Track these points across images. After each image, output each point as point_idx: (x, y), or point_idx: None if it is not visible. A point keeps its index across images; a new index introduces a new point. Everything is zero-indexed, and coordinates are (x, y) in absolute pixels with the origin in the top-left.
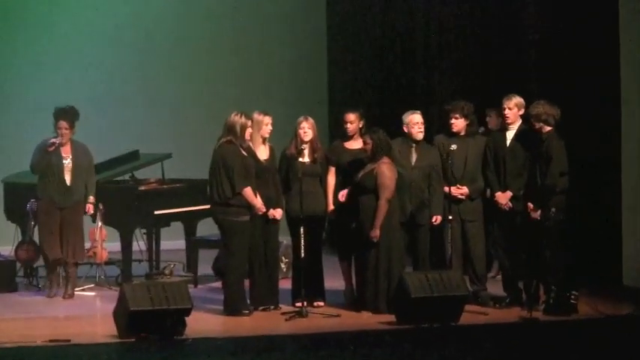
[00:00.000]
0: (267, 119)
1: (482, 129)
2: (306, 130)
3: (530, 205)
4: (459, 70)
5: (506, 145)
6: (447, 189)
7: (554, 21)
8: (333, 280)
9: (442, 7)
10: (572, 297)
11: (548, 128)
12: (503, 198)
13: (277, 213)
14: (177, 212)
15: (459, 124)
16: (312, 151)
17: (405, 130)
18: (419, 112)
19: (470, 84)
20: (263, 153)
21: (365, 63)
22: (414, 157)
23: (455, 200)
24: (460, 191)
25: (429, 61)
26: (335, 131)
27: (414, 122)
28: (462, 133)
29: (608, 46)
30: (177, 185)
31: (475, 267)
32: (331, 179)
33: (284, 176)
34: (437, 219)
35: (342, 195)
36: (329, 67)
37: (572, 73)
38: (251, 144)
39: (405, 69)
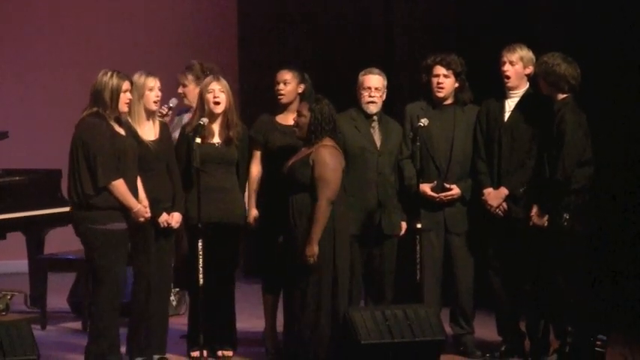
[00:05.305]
0: (151, 82)
1: None
2: (217, 94)
3: (535, 208)
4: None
5: (504, 119)
6: (427, 189)
7: None
8: (249, 320)
9: None
10: (598, 344)
11: (563, 95)
12: (495, 197)
13: (173, 219)
14: (14, 218)
15: (447, 84)
16: (226, 128)
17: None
18: (378, 70)
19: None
20: (149, 132)
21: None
22: (377, 138)
23: (436, 202)
24: (451, 194)
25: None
26: (249, 100)
27: (365, 86)
28: (449, 101)
29: None
30: (16, 179)
31: (460, 300)
32: (255, 169)
33: (185, 165)
34: (402, 227)
35: None
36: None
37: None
38: (129, 119)
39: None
